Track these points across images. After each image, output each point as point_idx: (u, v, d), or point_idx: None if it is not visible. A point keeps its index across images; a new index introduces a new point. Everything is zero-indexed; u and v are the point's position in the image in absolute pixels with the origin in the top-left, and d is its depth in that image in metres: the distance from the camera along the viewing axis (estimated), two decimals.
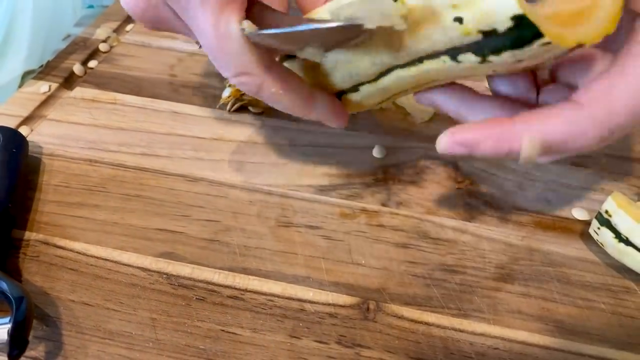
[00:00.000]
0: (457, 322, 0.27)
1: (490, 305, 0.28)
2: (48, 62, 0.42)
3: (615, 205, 0.28)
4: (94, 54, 0.44)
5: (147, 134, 0.37)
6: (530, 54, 0.21)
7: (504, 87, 0.27)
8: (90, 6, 0.52)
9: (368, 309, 0.27)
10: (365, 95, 0.28)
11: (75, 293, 0.28)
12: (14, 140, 0.33)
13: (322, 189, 0.33)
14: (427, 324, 0.27)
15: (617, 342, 0.26)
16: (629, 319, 0.27)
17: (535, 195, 0.34)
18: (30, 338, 0.24)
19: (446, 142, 0.25)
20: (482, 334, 0.27)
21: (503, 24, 0.20)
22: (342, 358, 0.25)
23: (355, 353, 0.26)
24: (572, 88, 0.26)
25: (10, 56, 0.40)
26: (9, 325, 0.23)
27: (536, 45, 0.21)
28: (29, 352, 0.25)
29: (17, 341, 0.23)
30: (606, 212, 0.28)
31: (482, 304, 0.28)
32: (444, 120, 0.37)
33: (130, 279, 0.28)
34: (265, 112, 0.39)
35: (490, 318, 0.27)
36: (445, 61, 0.23)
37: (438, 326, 0.27)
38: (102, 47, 0.44)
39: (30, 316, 0.24)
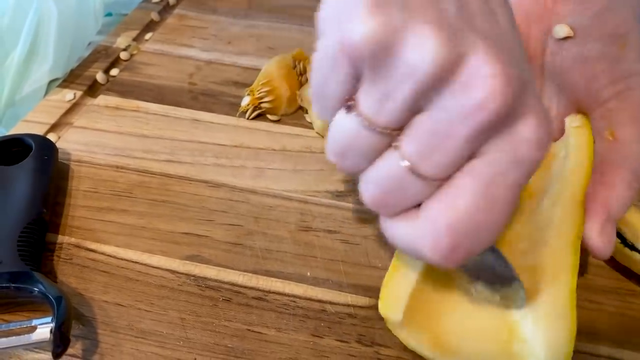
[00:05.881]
0: None
1: None
2: (72, 70, 0.44)
3: None
4: (115, 62, 0.45)
5: (170, 141, 0.38)
6: None
7: None
8: (109, 14, 0.53)
9: None
10: None
11: (108, 294, 0.29)
12: (45, 147, 0.34)
13: (340, 195, 0.35)
14: None
15: (623, 343, 0.28)
16: (636, 321, 0.29)
17: None
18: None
19: None
20: None
21: None
22: (362, 356, 0.27)
23: (374, 351, 0.27)
24: None
25: (37, 65, 0.41)
26: (52, 325, 0.25)
27: None
28: (68, 350, 0.26)
29: (60, 339, 0.24)
30: None
31: None
32: None
33: (159, 281, 0.30)
34: (282, 120, 0.40)
35: None
36: None
37: None
38: (123, 55, 0.46)
39: (69, 315, 0.26)
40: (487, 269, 0.24)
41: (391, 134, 0.19)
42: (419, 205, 0.20)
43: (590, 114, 0.29)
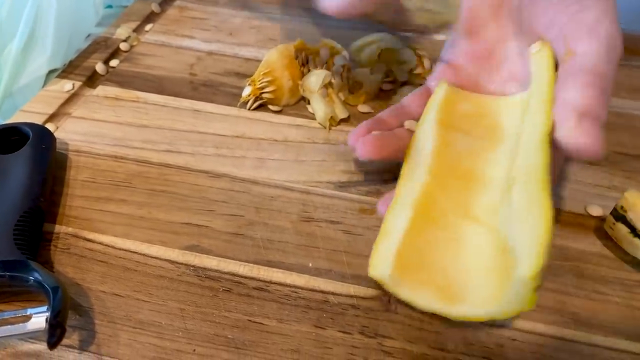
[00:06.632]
0: None
1: None
2: (71, 61, 0.43)
3: (630, 202, 0.29)
4: (115, 53, 0.45)
5: (170, 132, 0.38)
6: None
7: None
8: (109, 6, 0.53)
9: (389, 300, 0.28)
10: None
11: (106, 284, 0.28)
12: (43, 136, 0.34)
13: (342, 185, 0.34)
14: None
15: (630, 334, 0.27)
16: None
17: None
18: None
19: None
20: (500, 326, 0.27)
21: None
22: (365, 347, 0.26)
23: (377, 343, 0.26)
24: None
25: (35, 56, 0.41)
26: (47, 314, 0.24)
27: None
28: (64, 340, 0.25)
29: (56, 328, 0.24)
30: (621, 208, 0.29)
31: None
32: None
33: (158, 271, 0.29)
34: (284, 111, 0.40)
35: None
36: None
37: None
38: (123, 46, 0.45)
39: (66, 304, 0.25)
40: None
41: None
42: None
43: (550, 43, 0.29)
